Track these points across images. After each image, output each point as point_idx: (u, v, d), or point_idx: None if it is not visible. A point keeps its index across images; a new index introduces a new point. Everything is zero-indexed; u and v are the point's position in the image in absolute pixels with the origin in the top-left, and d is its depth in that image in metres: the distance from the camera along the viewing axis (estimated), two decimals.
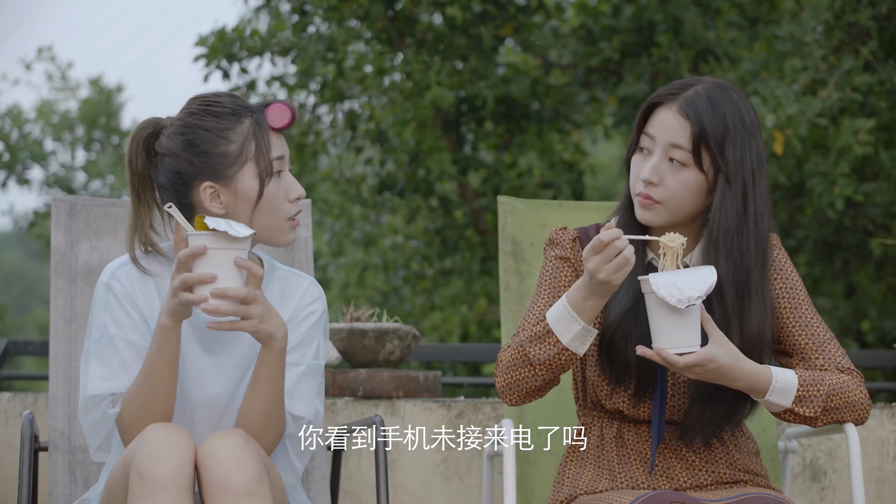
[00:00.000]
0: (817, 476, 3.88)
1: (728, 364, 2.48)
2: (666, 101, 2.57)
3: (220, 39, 8.07)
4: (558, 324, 2.52)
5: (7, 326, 21.84)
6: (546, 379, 2.56)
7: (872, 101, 6.52)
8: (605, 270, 2.43)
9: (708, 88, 2.57)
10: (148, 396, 2.49)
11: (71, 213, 3.12)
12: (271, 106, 2.59)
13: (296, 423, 2.61)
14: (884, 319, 8.27)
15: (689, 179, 2.55)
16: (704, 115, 2.54)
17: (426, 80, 7.62)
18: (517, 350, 2.56)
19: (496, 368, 2.61)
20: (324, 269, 10.09)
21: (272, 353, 2.51)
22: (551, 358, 2.53)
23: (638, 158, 2.60)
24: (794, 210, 7.85)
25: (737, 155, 2.54)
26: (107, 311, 2.58)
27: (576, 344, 2.52)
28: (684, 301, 2.41)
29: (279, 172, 2.58)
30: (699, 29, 7.82)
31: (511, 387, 2.58)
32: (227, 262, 2.42)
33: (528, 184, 8.61)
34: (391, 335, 3.88)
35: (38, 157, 13.92)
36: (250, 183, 2.56)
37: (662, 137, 2.55)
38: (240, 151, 2.56)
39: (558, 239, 2.70)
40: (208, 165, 2.56)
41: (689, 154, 2.54)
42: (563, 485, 2.69)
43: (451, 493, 3.80)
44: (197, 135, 2.56)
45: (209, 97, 2.61)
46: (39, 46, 14.91)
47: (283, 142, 2.61)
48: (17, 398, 3.79)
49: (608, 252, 2.43)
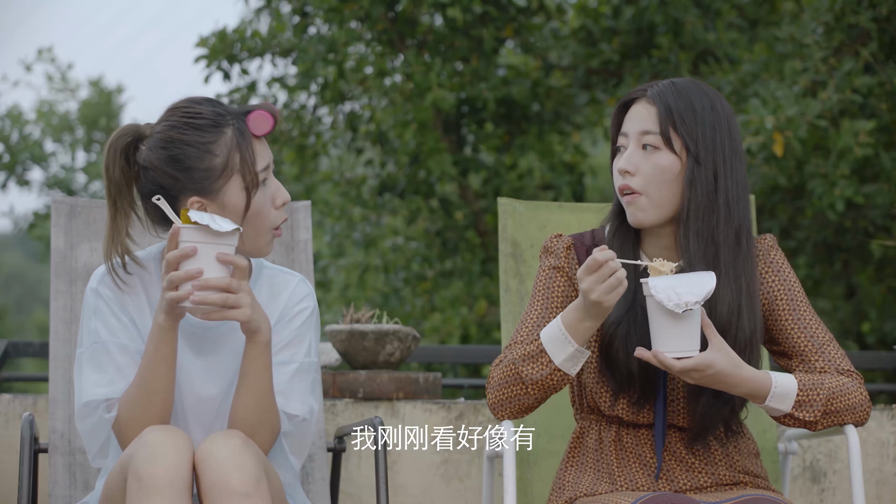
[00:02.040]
0: (817, 478, 3.88)
1: (726, 370, 2.48)
2: (636, 98, 2.62)
3: (221, 40, 8.07)
4: (551, 344, 2.53)
5: (7, 328, 21.85)
6: (537, 398, 2.57)
7: (873, 102, 6.52)
8: (598, 291, 2.44)
9: (676, 80, 2.62)
10: (147, 397, 2.49)
11: (71, 214, 3.12)
12: (252, 113, 2.55)
13: (291, 421, 2.60)
14: (884, 321, 8.27)
15: (663, 162, 2.57)
16: (670, 97, 2.58)
17: (427, 82, 7.62)
18: (509, 368, 2.56)
19: (488, 384, 2.61)
20: (324, 271, 10.09)
21: (257, 347, 2.50)
22: (543, 378, 2.54)
23: (617, 158, 2.64)
24: (794, 212, 7.85)
25: (706, 134, 2.57)
26: (97, 317, 2.57)
27: (568, 365, 2.53)
28: (682, 305, 2.41)
29: (264, 180, 2.56)
30: (699, 30, 7.82)
31: (503, 403, 2.59)
32: (211, 256, 2.41)
33: (528, 185, 8.61)
34: (391, 337, 3.88)
35: (38, 158, 13.91)
36: (237, 196, 2.53)
37: (634, 128, 2.59)
38: (225, 164, 2.52)
39: (553, 247, 2.70)
40: (193, 181, 2.52)
41: (658, 136, 2.57)
42: (563, 488, 2.68)
43: (451, 494, 3.80)
44: (181, 150, 2.52)
45: (188, 108, 2.55)
46: (39, 47, 14.90)
47: (266, 147, 2.58)
48: (17, 400, 3.78)
49: (602, 272, 2.44)
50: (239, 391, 2.52)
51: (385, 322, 3.99)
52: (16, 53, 61.29)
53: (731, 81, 7.06)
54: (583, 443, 2.70)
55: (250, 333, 2.49)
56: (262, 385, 2.52)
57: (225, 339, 2.64)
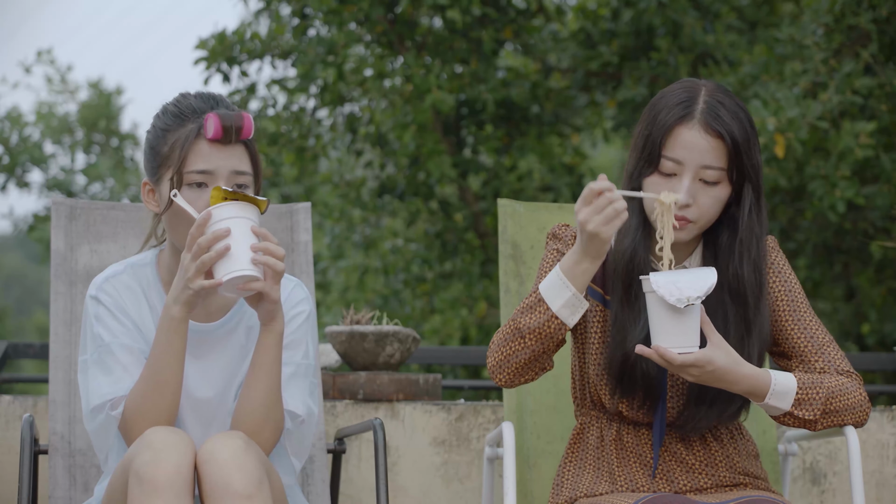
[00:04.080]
0: (817, 479, 3.88)
1: (726, 367, 2.48)
2: (683, 121, 2.52)
3: (221, 42, 8.07)
4: (549, 290, 2.51)
5: (7, 329, 21.84)
6: (536, 350, 2.53)
7: (873, 104, 6.53)
8: (595, 221, 2.41)
9: (715, 97, 2.53)
10: (156, 391, 2.48)
11: (71, 216, 3.12)
12: (207, 115, 2.54)
13: (293, 420, 2.60)
14: (884, 322, 8.27)
15: (722, 195, 2.54)
16: (734, 127, 2.50)
17: (426, 84, 7.62)
18: (509, 324, 2.55)
19: (489, 349, 2.59)
20: (324, 273, 10.09)
21: (273, 336, 2.50)
22: (541, 325, 2.51)
23: (657, 181, 2.53)
24: (794, 213, 7.85)
25: (755, 159, 2.54)
26: (99, 322, 2.58)
27: (566, 312, 2.51)
28: (683, 300, 2.41)
29: (199, 184, 2.53)
30: (698, 33, 7.82)
31: (502, 363, 2.56)
32: (246, 230, 2.42)
33: (528, 187, 8.61)
34: (391, 338, 3.88)
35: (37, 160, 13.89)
36: (167, 189, 2.55)
37: (692, 160, 2.50)
38: (168, 155, 2.55)
39: (560, 234, 2.69)
40: (148, 163, 2.59)
41: (723, 173, 2.51)
42: (563, 487, 2.68)
43: (451, 496, 3.80)
44: (151, 131, 2.60)
45: (179, 97, 2.61)
46: (39, 49, 14.86)
47: (227, 156, 2.53)
48: (17, 401, 3.78)
49: (599, 202, 2.41)
50: (249, 384, 2.52)
51: (385, 323, 3.99)
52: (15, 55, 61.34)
53: (731, 83, 7.06)
54: (583, 440, 2.70)
55: (268, 320, 2.49)
56: (272, 378, 2.51)
57: (221, 343, 2.64)
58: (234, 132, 2.52)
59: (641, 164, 2.55)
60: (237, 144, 2.55)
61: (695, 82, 2.57)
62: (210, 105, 2.57)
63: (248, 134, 2.54)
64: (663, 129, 2.52)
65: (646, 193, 2.52)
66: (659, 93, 2.61)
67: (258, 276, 2.41)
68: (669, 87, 2.60)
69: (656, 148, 2.53)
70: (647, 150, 2.54)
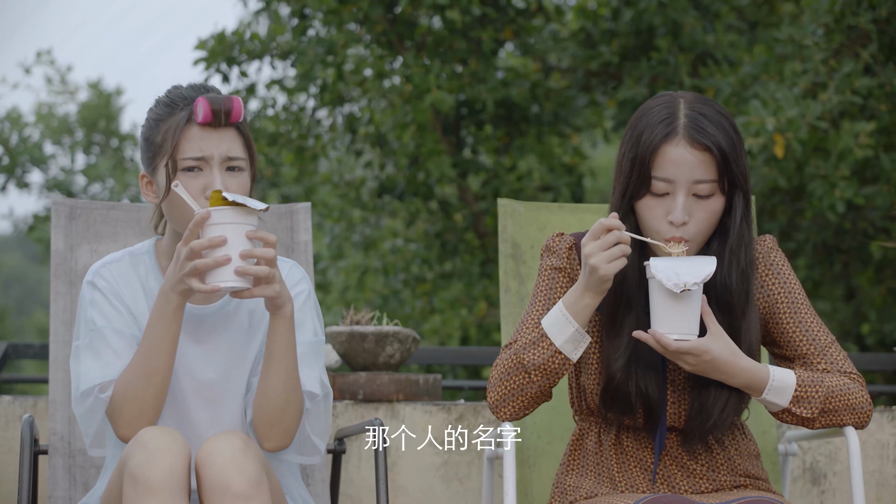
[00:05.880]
0: (817, 479, 3.88)
1: (723, 358, 2.47)
2: (667, 139, 2.49)
3: (220, 43, 8.07)
4: (552, 326, 2.51)
5: (7, 329, 21.85)
6: (541, 386, 2.54)
7: (872, 104, 6.53)
8: (599, 257, 2.42)
9: (696, 108, 2.49)
10: (147, 377, 2.48)
11: (71, 216, 3.12)
12: (196, 100, 2.54)
13: (311, 400, 2.59)
14: (884, 322, 8.27)
15: (716, 207, 2.52)
16: (720, 137, 2.48)
17: (426, 84, 7.62)
18: (511, 358, 2.54)
19: (489, 383, 2.58)
20: (324, 273, 10.09)
21: (283, 322, 2.49)
22: (545, 361, 2.51)
23: (651, 203, 2.51)
24: (794, 213, 7.85)
25: (743, 166, 2.52)
26: (93, 307, 2.59)
27: (569, 347, 2.51)
28: (680, 286, 2.41)
29: (192, 168, 2.54)
30: (698, 32, 7.82)
31: (504, 399, 2.56)
32: (241, 235, 2.41)
33: (527, 187, 8.61)
34: (391, 338, 3.88)
35: (37, 160, 13.89)
36: (163, 178, 2.56)
37: (683, 177, 2.47)
38: (161, 144, 2.56)
39: (555, 247, 2.67)
40: (144, 154, 2.60)
41: (715, 185, 2.49)
42: (565, 493, 2.67)
43: (451, 496, 3.80)
44: (145, 123, 2.61)
45: (174, 86, 2.62)
46: (38, 50, 14.85)
47: (220, 139, 2.54)
48: (17, 401, 3.78)
49: (607, 239, 2.42)
50: (266, 372, 2.52)
51: (385, 324, 3.99)
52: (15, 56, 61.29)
53: (730, 83, 7.06)
54: (582, 445, 2.69)
55: (276, 309, 2.48)
56: (288, 362, 2.51)
57: (222, 325, 2.64)
58: (224, 115, 2.53)
59: (632, 187, 2.52)
60: (229, 128, 2.55)
61: (672, 96, 2.53)
62: (200, 93, 2.58)
63: (237, 116, 2.54)
64: (649, 149, 2.49)
65: (654, 241, 2.50)
66: (637, 111, 2.56)
67: (246, 287, 2.42)
68: (647, 105, 2.55)
69: (645, 169, 2.49)
70: (636, 173, 2.50)
